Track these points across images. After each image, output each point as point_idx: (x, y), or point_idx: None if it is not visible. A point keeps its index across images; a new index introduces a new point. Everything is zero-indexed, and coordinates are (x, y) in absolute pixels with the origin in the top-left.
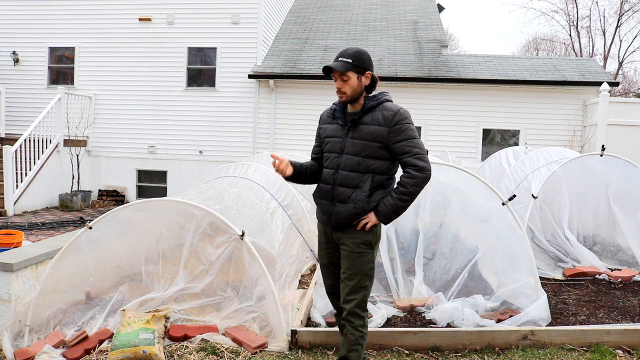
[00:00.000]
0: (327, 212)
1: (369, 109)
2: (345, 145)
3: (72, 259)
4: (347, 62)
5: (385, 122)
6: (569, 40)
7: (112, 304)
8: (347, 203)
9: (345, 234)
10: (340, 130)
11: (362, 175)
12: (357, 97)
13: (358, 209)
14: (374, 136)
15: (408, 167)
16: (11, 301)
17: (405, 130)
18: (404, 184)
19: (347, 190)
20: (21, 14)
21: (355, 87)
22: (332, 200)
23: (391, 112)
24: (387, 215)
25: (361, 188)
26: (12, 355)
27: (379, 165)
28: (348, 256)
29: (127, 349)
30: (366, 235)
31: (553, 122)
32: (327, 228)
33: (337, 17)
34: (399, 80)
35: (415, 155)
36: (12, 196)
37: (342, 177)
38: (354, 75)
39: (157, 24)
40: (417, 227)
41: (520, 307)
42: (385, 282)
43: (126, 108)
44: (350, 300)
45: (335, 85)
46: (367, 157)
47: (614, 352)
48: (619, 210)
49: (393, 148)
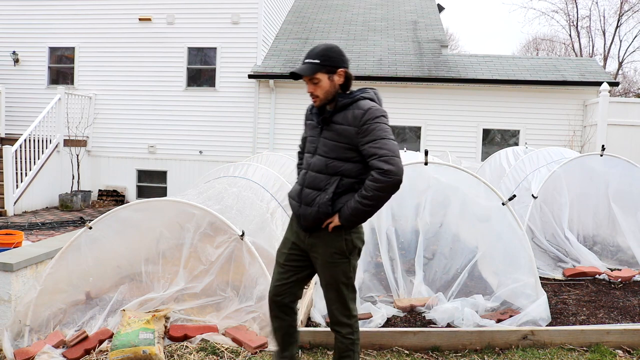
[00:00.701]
0: (297, 214)
1: (342, 107)
2: (318, 146)
3: (72, 259)
4: (314, 63)
5: (354, 121)
6: (569, 40)
7: (112, 304)
8: (311, 206)
9: (318, 240)
10: (315, 129)
11: (329, 177)
12: (332, 98)
13: (321, 213)
14: (343, 137)
15: (373, 170)
16: (11, 301)
17: (373, 130)
18: (366, 187)
19: (312, 193)
20: (21, 14)
21: (328, 89)
22: (300, 202)
23: (361, 110)
24: (347, 218)
25: (326, 191)
26: (12, 355)
27: (349, 167)
28: (323, 266)
29: (127, 349)
30: (339, 243)
31: (553, 122)
32: (298, 229)
33: (337, 17)
34: (399, 80)
35: (381, 157)
36: (12, 196)
37: (310, 178)
38: (324, 76)
39: (157, 24)
40: (417, 227)
41: (520, 307)
42: (385, 282)
43: (126, 108)
44: (332, 310)
45: (307, 90)
46: (335, 158)
47: (614, 352)
48: (619, 210)
49: (362, 149)
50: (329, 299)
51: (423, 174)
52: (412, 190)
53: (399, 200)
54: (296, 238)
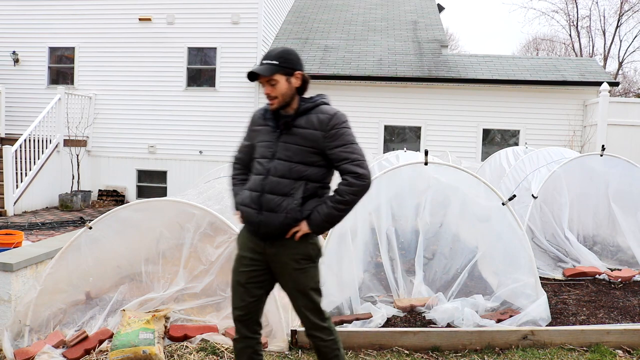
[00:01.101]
0: (254, 222)
1: (304, 111)
2: (277, 150)
3: (72, 259)
4: (272, 64)
5: (320, 125)
6: (569, 40)
7: (112, 304)
8: (277, 212)
9: (281, 249)
10: (271, 133)
11: (294, 182)
12: (289, 101)
13: (290, 218)
14: (308, 140)
15: (346, 174)
16: (11, 301)
17: (342, 135)
18: (340, 192)
19: (277, 198)
20: (21, 14)
21: (286, 91)
22: (260, 209)
23: (327, 115)
24: (319, 224)
25: (293, 196)
26: (12, 355)
27: (313, 172)
28: (290, 274)
29: (127, 349)
30: (305, 248)
31: (553, 122)
32: (255, 241)
33: (337, 17)
34: (399, 80)
35: (353, 161)
36: (12, 196)
37: (272, 183)
38: (282, 77)
39: (157, 24)
40: (417, 227)
41: (520, 307)
42: (385, 282)
43: (126, 108)
44: (306, 317)
45: (264, 92)
46: (300, 162)
47: (614, 352)
48: (619, 210)
49: (329, 154)
50: (301, 307)
51: (423, 174)
52: (412, 190)
53: (399, 200)
54: (252, 252)
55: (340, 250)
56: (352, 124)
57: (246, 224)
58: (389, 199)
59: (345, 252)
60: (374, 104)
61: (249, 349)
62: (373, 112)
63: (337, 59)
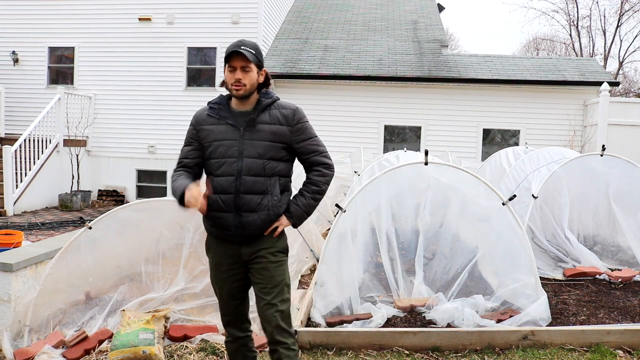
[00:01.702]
0: (232, 226)
1: (265, 106)
2: (244, 148)
3: (71, 259)
4: (251, 52)
5: (286, 120)
6: (569, 40)
7: (112, 304)
8: (258, 211)
9: (258, 245)
10: (232, 131)
11: (268, 179)
12: (252, 93)
13: (273, 215)
14: (277, 136)
15: (318, 165)
16: (11, 301)
17: (307, 129)
18: (316, 182)
19: (255, 198)
20: (21, 14)
21: (254, 82)
22: (237, 211)
23: (290, 109)
24: (300, 216)
25: (271, 193)
26: (12, 355)
27: (283, 167)
28: (265, 268)
29: (127, 349)
30: (282, 241)
31: (553, 122)
32: (229, 246)
33: (337, 17)
34: (399, 80)
35: (322, 153)
36: (11, 196)
37: (247, 183)
38: (255, 68)
39: (157, 24)
40: (417, 227)
41: (520, 307)
42: (385, 282)
43: (126, 108)
44: (276, 318)
45: (232, 76)
46: (271, 159)
47: (614, 352)
48: (620, 210)
49: (297, 148)
50: (274, 305)
51: (423, 174)
52: (412, 190)
53: (399, 200)
54: (228, 257)
55: (340, 250)
56: (352, 123)
57: (219, 229)
58: (389, 199)
59: (345, 252)
60: (374, 104)
61: (243, 348)
62: (373, 112)
63: (337, 58)
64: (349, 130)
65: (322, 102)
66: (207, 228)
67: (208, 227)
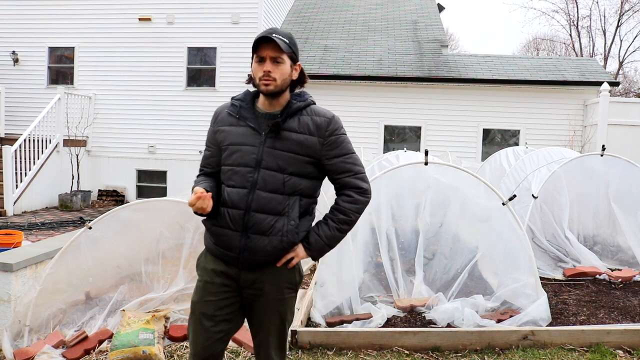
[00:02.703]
0: (236, 247)
1: (295, 111)
2: (262, 157)
3: (71, 259)
4: (284, 41)
5: (317, 130)
6: (569, 40)
7: (112, 304)
8: (269, 235)
9: (263, 275)
10: (252, 135)
11: (287, 198)
12: (284, 90)
13: (286, 242)
14: (304, 148)
15: (349, 189)
16: (11, 301)
17: (342, 143)
18: (345, 210)
19: (269, 218)
20: (21, 14)
21: (287, 77)
22: (245, 231)
23: (324, 118)
24: (321, 249)
25: (288, 215)
26: (12, 355)
27: (307, 185)
28: (269, 305)
29: (127, 349)
30: (291, 274)
31: (553, 122)
32: (228, 267)
33: (337, 17)
34: (399, 80)
35: (357, 174)
36: (11, 196)
37: (261, 199)
38: (288, 60)
39: (157, 24)
40: (417, 227)
41: (520, 307)
42: (385, 282)
43: (126, 108)
44: (269, 356)
45: (260, 68)
46: (293, 174)
47: (614, 352)
48: (620, 210)
49: (327, 164)
50: (268, 343)
51: (423, 174)
52: (412, 190)
53: (399, 200)
54: (223, 277)
55: (340, 250)
56: (353, 123)
57: (221, 249)
58: (389, 199)
59: (345, 252)
60: (374, 104)
61: None
62: (373, 112)
63: (337, 59)
64: (349, 130)
65: (322, 102)
66: (208, 244)
67: (209, 244)
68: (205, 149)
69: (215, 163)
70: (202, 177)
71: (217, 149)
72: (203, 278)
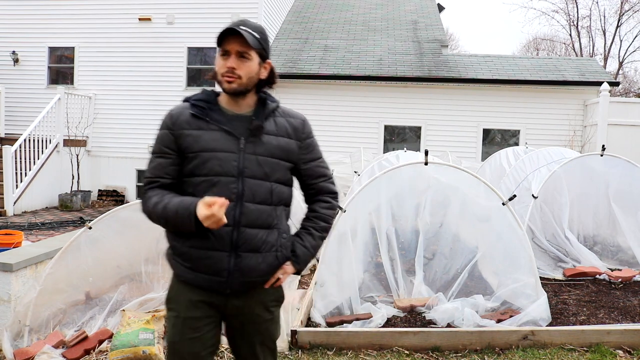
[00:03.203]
0: (224, 270)
1: (270, 111)
2: (245, 165)
3: (71, 259)
4: (253, 35)
5: (295, 133)
6: (569, 40)
7: (112, 304)
8: (263, 252)
9: (250, 299)
10: (228, 140)
11: (275, 208)
12: (249, 89)
13: (281, 257)
14: (284, 152)
15: (324, 194)
16: (11, 301)
17: (316, 146)
18: (325, 217)
19: (260, 233)
20: (21, 14)
21: (254, 75)
22: (235, 250)
23: (299, 119)
24: (306, 261)
25: (278, 227)
26: (12, 355)
27: (289, 193)
28: (259, 328)
29: (127, 349)
30: (278, 289)
31: (553, 122)
32: (210, 296)
33: (337, 17)
34: (399, 80)
35: (329, 178)
36: (11, 196)
37: (251, 213)
38: (257, 57)
39: (157, 23)
40: (417, 227)
41: (520, 307)
42: (385, 282)
43: (126, 108)
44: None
45: (224, 64)
46: (278, 181)
47: (615, 352)
48: (620, 210)
49: (303, 169)
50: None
51: (423, 174)
52: (412, 190)
53: (399, 200)
54: (205, 308)
55: (340, 250)
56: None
57: (202, 274)
58: (389, 199)
59: (345, 252)
60: (374, 104)
61: None
62: (373, 112)
63: (337, 59)
64: (349, 130)
65: (322, 102)
66: (180, 271)
67: (181, 271)
68: (156, 156)
69: (175, 172)
70: (161, 191)
71: (178, 156)
72: (180, 314)
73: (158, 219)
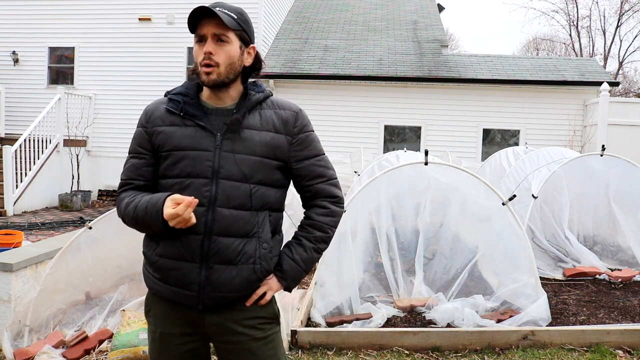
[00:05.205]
0: (194, 283)
1: (255, 104)
2: (220, 165)
3: (71, 259)
4: (230, 15)
5: (284, 126)
6: (569, 40)
7: (112, 304)
8: (237, 264)
9: (231, 314)
10: (203, 137)
11: (255, 214)
12: (231, 78)
13: (259, 271)
14: (271, 149)
15: (323, 198)
16: (11, 301)
17: (313, 142)
18: (321, 225)
19: (235, 242)
20: (21, 14)
21: (235, 61)
22: (206, 261)
23: (291, 111)
24: (297, 277)
25: (259, 236)
26: (12, 355)
27: (276, 196)
28: (247, 350)
29: (127, 349)
30: (269, 306)
31: (553, 122)
32: (184, 311)
33: (337, 17)
34: (399, 80)
35: (330, 180)
36: (11, 196)
37: (224, 219)
38: (237, 41)
39: (157, 24)
40: (417, 227)
41: (520, 307)
42: (385, 282)
43: (126, 108)
44: None
45: (201, 50)
46: (261, 183)
47: (614, 352)
48: (619, 210)
49: (296, 168)
50: None
51: (423, 174)
52: (412, 190)
53: (399, 200)
54: (182, 325)
55: (340, 250)
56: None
57: (171, 286)
58: (389, 199)
59: (345, 252)
60: (374, 104)
61: None
62: (373, 112)
63: (337, 59)
64: (349, 130)
65: (322, 102)
66: (150, 283)
67: (154, 283)
68: (131, 157)
69: (151, 174)
70: (135, 192)
71: (152, 156)
72: (157, 329)
73: (130, 220)
